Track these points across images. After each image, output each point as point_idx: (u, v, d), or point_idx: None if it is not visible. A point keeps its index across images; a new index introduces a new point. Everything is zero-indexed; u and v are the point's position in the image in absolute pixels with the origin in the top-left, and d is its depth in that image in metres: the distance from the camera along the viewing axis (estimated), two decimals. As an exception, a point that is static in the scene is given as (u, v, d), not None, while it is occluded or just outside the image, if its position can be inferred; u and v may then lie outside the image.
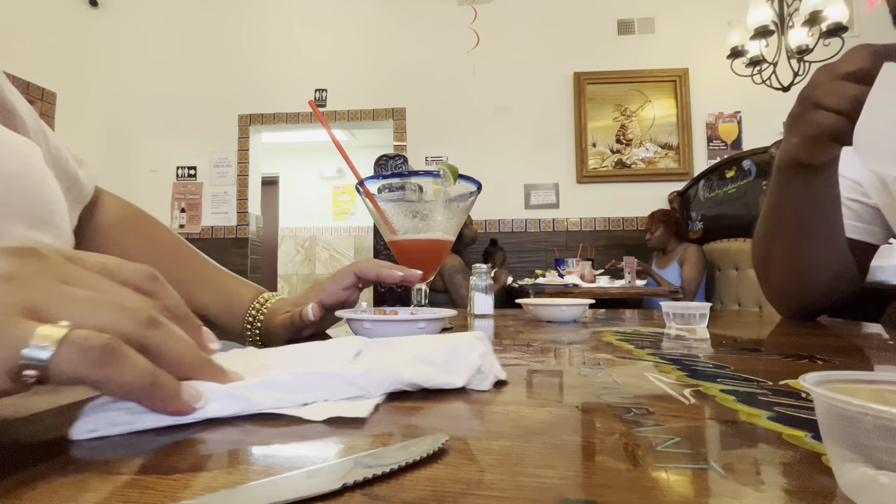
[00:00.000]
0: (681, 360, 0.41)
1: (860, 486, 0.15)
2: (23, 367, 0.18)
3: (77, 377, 0.19)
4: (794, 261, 0.70)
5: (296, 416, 0.25)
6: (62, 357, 0.18)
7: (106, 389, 0.20)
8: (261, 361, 0.33)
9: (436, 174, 0.59)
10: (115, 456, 0.21)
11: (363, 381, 0.28)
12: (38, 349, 0.18)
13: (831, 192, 0.65)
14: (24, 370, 0.18)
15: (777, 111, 3.37)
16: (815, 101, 0.55)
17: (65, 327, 0.19)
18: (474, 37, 3.62)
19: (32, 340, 0.18)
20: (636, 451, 0.20)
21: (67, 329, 0.19)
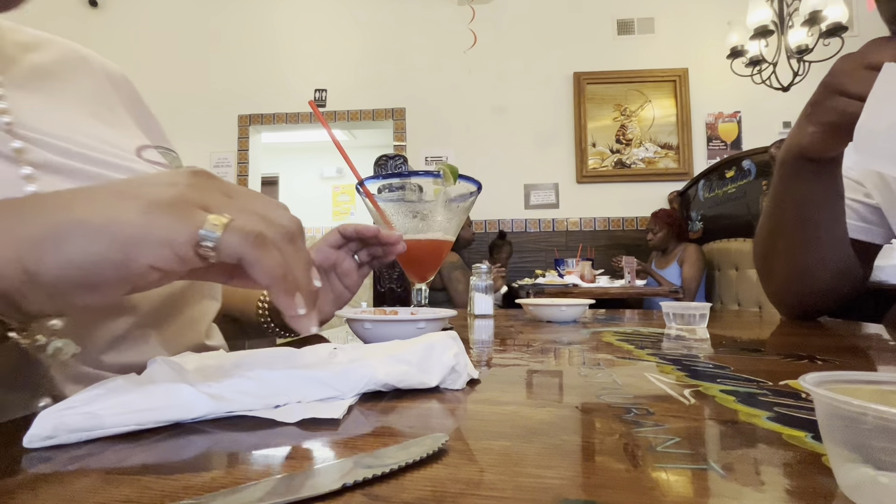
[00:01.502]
0: (681, 361, 0.41)
1: (860, 486, 0.15)
2: (200, 241, 0.24)
3: (237, 254, 0.25)
4: (797, 258, 0.70)
5: (269, 418, 0.24)
6: (227, 237, 0.24)
7: (253, 269, 0.25)
8: (233, 362, 0.33)
9: (436, 174, 0.59)
10: (115, 456, 0.21)
11: (337, 382, 0.28)
12: (210, 230, 0.24)
13: (835, 188, 0.65)
14: (201, 243, 0.24)
15: (777, 111, 3.38)
16: (840, 89, 0.53)
17: (228, 218, 0.25)
18: (473, 36, 3.62)
19: (206, 224, 0.24)
20: (636, 451, 0.20)
21: (230, 219, 0.25)
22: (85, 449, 0.21)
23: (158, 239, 0.23)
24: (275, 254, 0.25)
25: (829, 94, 0.55)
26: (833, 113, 0.54)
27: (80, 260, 0.23)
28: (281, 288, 0.26)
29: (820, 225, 0.67)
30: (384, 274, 1.90)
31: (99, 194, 0.24)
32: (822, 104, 0.56)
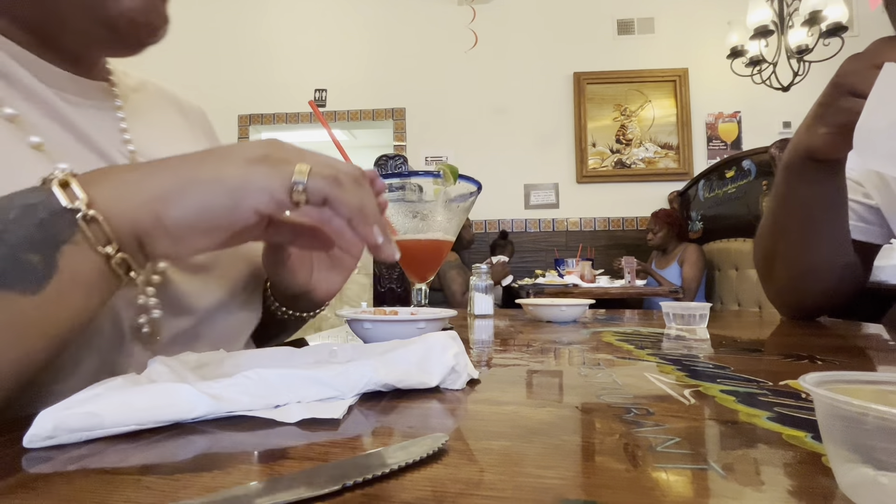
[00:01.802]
0: (681, 361, 0.41)
1: (860, 486, 0.15)
2: (293, 187, 0.29)
3: (323, 194, 0.30)
4: (799, 259, 0.70)
5: (269, 418, 0.24)
6: (313, 181, 0.30)
7: (337, 204, 0.31)
8: (233, 362, 0.33)
9: (436, 174, 0.59)
10: (115, 456, 0.21)
11: (337, 382, 0.28)
12: (299, 177, 0.29)
13: (840, 190, 0.65)
14: (294, 188, 0.29)
15: (777, 111, 3.38)
16: (851, 89, 0.53)
17: (310, 166, 0.30)
18: (474, 36, 3.62)
19: (295, 172, 0.30)
20: (636, 451, 0.20)
21: (311, 167, 0.30)
22: (85, 449, 0.21)
23: (259, 186, 0.29)
24: (351, 191, 0.31)
25: (840, 95, 0.54)
26: (845, 113, 0.53)
27: (199, 207, 0.28)
28: (360, 219, 0.31)
29: (823, 226, 0.67)
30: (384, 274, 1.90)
31: (205, 157, 0.29)
32: (833, 105, 0.55)
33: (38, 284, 0.24)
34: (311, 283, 0.50)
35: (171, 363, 0.31)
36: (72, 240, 0.25)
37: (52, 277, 0.24)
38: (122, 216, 0.27)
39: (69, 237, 0.25)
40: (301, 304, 0.53)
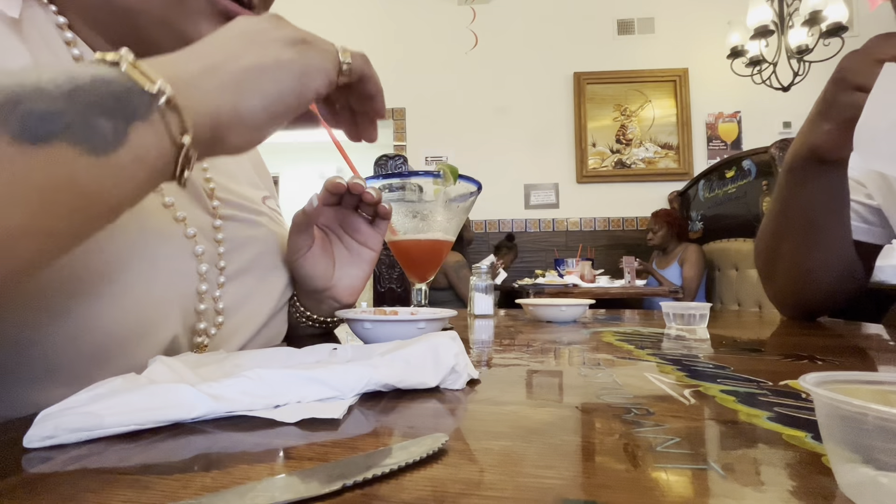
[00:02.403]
0: (681, 361, 0.41)
1: (860, 486, 0.15)
2: (342, 66, 0.35)
3: (361, 71, 0.36)
4: (801, 260, 0.70)
5: (269, 418, 0.24)
6: (355, 61, 0.36)
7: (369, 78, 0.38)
8: (233, 362, 0.33)
9: (436, 174, 0.59)
10: (115, 456, 0.21)
11: (336, 382, 0.28)
12: (344, 57, 0.35)
13: (842, 191, 0.65)
14: (342, 67, 0.35)
15: (777, 111, 3.38)
16: (853, 84, 0.52)
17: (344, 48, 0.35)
18: (474, 37, 3.62)
19: (341, 53, 0.35)
20: (636, 451, 0.20)
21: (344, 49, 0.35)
22: (85, 449, 0.21)
23: (318, 67, 0.32)
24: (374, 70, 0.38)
25: (842, 90, 0.54)
26: (848, 109, 0.53)
27: (274, 93, 0.30)
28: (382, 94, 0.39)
29: (826, 227, 0.67)
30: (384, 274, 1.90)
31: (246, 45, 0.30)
32: (837, 101, 0.55)
33: (105, 149, 0.22)
34: (333, 279, 0.51)
35: (172, 363, 0.31)
36: (148, 119, 0.24)
37: (121, 147, 0.23)
38: (200, 106, 0.27)
39: (145, 116, 0.24)
40: (324, 307, 0.54)
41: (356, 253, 0.53)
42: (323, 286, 0.51)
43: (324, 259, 0.51)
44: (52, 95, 0.22)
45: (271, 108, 0.30)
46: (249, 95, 0.29)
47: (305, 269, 0.50)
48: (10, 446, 0.22)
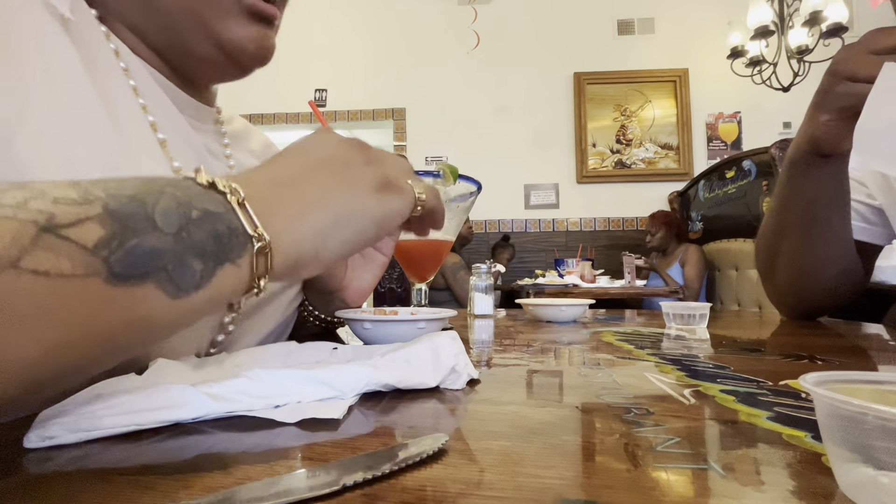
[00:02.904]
0: (681, 361, 0.41)
1: (860, 486, 0.15)
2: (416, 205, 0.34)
3: (430, 206, 0.36)
4: (802, 258, 0.70)
5: (269, 418, 0.24)
6: (428, 199, 0.35)
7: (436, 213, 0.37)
8: (234, 362, 0.33)
9: (436, 174, 0.59)
10: (115, 456, 0.21)
11: (337, 382, 0.28)
12: (420, 195, 0.34)
13: (843, 187, 0.65)
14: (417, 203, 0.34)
15: (777, 111, 3.38)
16: (848, 75, 0.53)
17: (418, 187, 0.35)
18: (474, 37, 3.62)
19: (418, 189, 0.34)
20: (636, 451, 0.20)
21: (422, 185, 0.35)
22: (85, 449, 0.21)
23: (397, 213, 0.33)
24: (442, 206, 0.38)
25: (838, 81, 0.54)
26: (845, 98, 0.54)
27: (354, 240, 0.30)
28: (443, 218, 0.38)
29: (827, 224, 0.67)
30: (384, 274, 1.90)
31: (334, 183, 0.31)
32: (833, 91, 0.55)
33: (187, 292, 0.22)
34: (345, 281, 0.52)
35: (173, 363, 0.31)
36: (237, 262, 0.24)
37: (200, 290, 0.23)
38: (287, 252, 0.27)
39: (235, 258, 0.24)
40: (331, 308, 0.54)
41: (369, 257, 0.53)
42: (334, 287, 0.52)
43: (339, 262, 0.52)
44: (161, 231, 0.21)
45: (347, 252, 0.30)
46: (332, 242, 0.29)
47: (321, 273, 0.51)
48: (11, 446, 0.22)
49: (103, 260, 0.19)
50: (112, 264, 0.20)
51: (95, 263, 0.19)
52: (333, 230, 0.29)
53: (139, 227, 0.21)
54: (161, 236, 0.21)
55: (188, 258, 0.22)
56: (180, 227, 0.22)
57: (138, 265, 0.20)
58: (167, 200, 0.22)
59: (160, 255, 0.21)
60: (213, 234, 0.23)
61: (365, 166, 0.32)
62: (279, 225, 0.26)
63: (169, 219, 0.22)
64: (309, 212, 0.28)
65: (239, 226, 0.24)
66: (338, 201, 0.29)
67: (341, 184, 0.30)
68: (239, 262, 0.24)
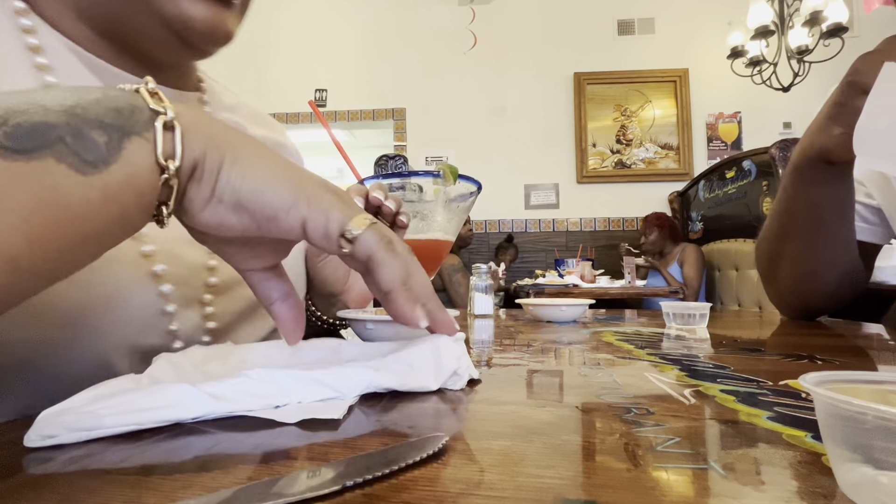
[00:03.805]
0: (681, 360, 0.41)
1: (860, 486, 0.15)
2: (345, 230, 0.27)
3: (370, 251, 0.28)
4: (805, 261, 0.69)
5: (269, 418, 0.24)
6: (367, 234, 0.28)
7: (378, 270, 0.28)
8: (239, 356, 0.33)
9: (436, 174, 0.59)
10: (115, 456, 0.21)
11: (337, 384, 0.28)
12: (357, 225, 0.28)
13: (848, 191, 0.64)
14: (345, 232, 0.28)
15: (777, 111, 3.38)
16: (866, 88, 0.52)
17: (373, 221, 0.29)
18: (477, 37, 3.62)
19: (356, 218, 0.28)
20: (636, 451, 0.20)
21: (374, 222, 0.29)
22: (85, 449, 0.21)
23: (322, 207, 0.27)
24: (401, 260, 0.29)
25: (856, 94, 0.53)
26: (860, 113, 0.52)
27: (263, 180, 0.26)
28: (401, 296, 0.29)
29: (831, 228, 0.66)
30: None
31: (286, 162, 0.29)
32: (849, 105, 0.54)
33: (95, 166, 0.22)
34: (347, 284, 0.51)
35: (176, 360, 0.31)
36: (143, 135, 0.24)
37: (111, 165, 0.22)
38: (196, 138, 0.25)
39: (141, 131, 0.24)
40: (333, 310, 0.54)
41: None
42: (337, 291, 0.52)
43: (341, 265, 0.51)
44: (50, 109, 0.21)
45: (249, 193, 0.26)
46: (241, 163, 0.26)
47: (323, 273, 0.51)
48: (11, 446, 0.22)
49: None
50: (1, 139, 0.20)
51: None
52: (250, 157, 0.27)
53: (27, 108, 0.21)
54: (50, 112, 0.21)
55: (86, 130, 0.22)
56: (73, 105, 0.22)
57: (29, 138, 0.20)
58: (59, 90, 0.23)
59: (52, 128, 0.21)
60: (113, 109, 0.23)
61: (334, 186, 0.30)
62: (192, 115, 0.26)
63: (59, 100, 0.22)
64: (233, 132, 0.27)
65: (142, 102, 0.24)
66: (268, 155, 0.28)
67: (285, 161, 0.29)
68: (146, 135, 0.24)
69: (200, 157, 0.26)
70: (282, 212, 0.27)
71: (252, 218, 0.27)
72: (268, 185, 0.27)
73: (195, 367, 0.31)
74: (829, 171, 0.61)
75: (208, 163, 0.26)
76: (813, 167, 0.62)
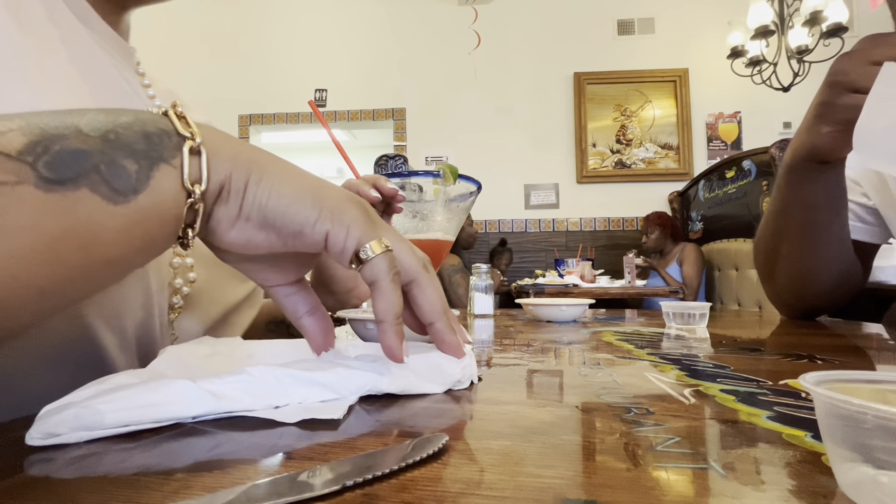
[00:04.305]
0: (681, 360, 0.41)
1: (860, 485, 0.15)
2: (358, 254, 0.27)
3: (375, 278, 0.27)
4: (801, 260, 0.70)
5: (269, 418, 0.24)
6: (378, 260, 0.27)
7: (376, 297, 0.28)
8: (246, 351, 0.33)
9: (436, 174, 0.59)
10: (115, 456, 0.21)
11: (339, 386, 0.28)
12: (375, 246, 0.27)
13: (840, 190, 0.65)
14: (360, 250, 0.27)
15: (777, 111, 3.38)
16: (850, 86, 0.53)
17: (388, 248, 0.28)
18: (475, 37, 3.62)
19: (375, 240, 0.27)
20: (636, 450, 0.20)
21: (388, 248, 0.28)
22: (85, 449, 0.21)
23: (345, 220, 0.27)
24: (398, 294, 0.28)
25: (840, 93, 0.54)
26: (847, 110, 0.53)
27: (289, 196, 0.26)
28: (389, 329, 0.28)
29: (825, 227, 0.67)
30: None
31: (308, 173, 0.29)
32: (834, 103, 0.55)
33: (125, 195, 0.22)
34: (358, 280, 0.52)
35: (181, 353, 0.30)
36: (171, 162, 0.24)
37: (140, 193, 0.22)
38: (221, 160, 0.26)
39: (169, 158, 0.24)
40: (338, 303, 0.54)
41: None
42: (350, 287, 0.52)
43: None
44: (87, 135, 0.21)
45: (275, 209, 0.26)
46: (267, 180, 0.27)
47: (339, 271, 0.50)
48: (12, 446, 0.22)
49: (30, 165, 0.19)
50: (40, 169, 0.20)
51: (23, 169, 0.19)
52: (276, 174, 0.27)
53: (64, 133, 0.21)
54: (86, 139, 0.21)
55: (119, 158, 0.22)
56: (107, 130, 0.22)
57: (67, 167, 0.20)
58: (93, 113, 0.22)
59: (88, 156, 0.21)
60: (143, 134, 0.23)
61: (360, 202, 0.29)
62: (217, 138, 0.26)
63: (94, 124, 0.22)
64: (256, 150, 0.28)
65: (170, 127, 0.24)
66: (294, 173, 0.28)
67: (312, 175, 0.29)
68: (174, 162, 0.24)
69: (226, 179, 0.26)
70: (307, 227, 0.27)
71: (279, 234, 0.27)
72: (293, 200, 0.27)
73: (202, 359, 0.31)
74: (822, 170, 0.62)
75: (234, 182, 0.26)
76: (805, 167, 0.63)
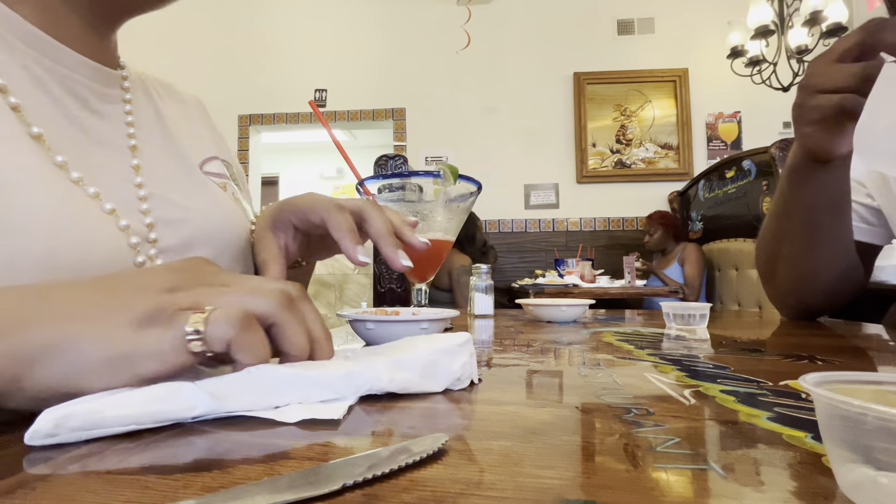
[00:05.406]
0: (681, 361, 0.41)
1: (860, 486, 0.15)
2: (188, 340, 0.25)
3: (226, 339, 0.25)
4: (802, 261, 0.70)
5: (269, 418, 0.24)
6: (212, 327, 0.25)
7: (243, 352, 0.26)
8: None
9: (436, 174, 0.59)
10: (116, 456, 0.21)
11: (339, 386, 0.27)
12: (193, 326, 0.25)
13: (843, 191, 0.65)
14: (189, 344, 0.25)
15: (777, 111, 3.38)
16: (816, 88, 0.56)
17: (210, 309, 0.26)
18: (476, 37, 3.62)
19: (189, 323, 0.25)
20: (636, 451, 0.20)
21: (212, 309, 0.26)
22: (85, 449, 0.21)
23: (145, 353, 0.25)
24: (260, 335, 0.27)
25: (808, 95, 0.57)
26: (816, 111, 0.57)
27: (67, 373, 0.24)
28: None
29: (828, 229, 0.67)
30: (384, 274, 1.90)
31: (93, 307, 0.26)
32: (805, 105, 0.58)
33: None
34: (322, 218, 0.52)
35: None
36: None
37: None
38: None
39: None
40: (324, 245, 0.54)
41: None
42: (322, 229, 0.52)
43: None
44: None
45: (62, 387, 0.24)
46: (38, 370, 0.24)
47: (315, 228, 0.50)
48: (12, 446, 0.22)
49: None
50: None
51: None
52: (44, 357, 0.24)
53: None
54: None
55: None
56: None
57: None
58: None
59: None
60: None
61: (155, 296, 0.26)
62: None
63: None
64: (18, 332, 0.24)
65: None
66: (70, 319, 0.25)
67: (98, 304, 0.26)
68: None
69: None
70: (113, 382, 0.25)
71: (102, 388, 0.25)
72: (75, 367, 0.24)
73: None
74: (823, 170, 0.62)
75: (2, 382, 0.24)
76: (805, 168, 0.63)
